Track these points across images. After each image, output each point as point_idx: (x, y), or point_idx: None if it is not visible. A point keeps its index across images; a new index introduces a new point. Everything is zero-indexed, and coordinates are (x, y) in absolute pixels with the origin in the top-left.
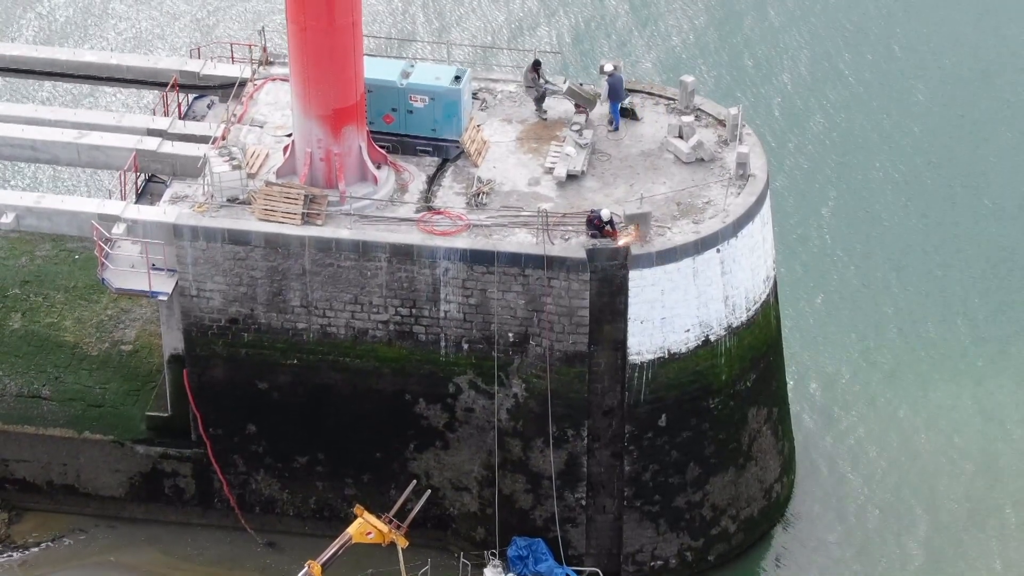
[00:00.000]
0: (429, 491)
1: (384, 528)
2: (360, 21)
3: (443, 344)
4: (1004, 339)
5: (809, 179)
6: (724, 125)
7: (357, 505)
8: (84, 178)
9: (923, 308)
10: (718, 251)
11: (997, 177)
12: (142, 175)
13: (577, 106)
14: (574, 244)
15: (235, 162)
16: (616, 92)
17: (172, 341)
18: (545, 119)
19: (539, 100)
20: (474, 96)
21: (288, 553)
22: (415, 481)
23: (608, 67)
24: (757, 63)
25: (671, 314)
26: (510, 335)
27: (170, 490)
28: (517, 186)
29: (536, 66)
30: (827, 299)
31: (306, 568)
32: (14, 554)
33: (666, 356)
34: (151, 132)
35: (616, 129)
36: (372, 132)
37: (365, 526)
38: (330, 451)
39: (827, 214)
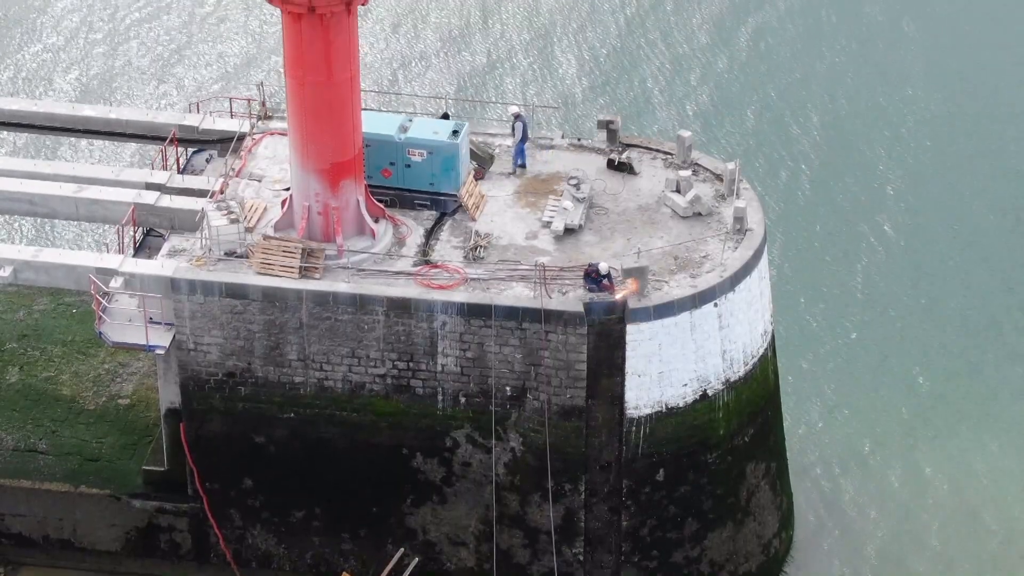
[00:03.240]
0: (417, 559)
1: None
2: (358, 75)
3: (440, 398)
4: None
5: (807, 233)
6: (722, 180)
7: (344, 572)
8: (82, 232)
9: (926, 362)
10: (716, 305)
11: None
12: (140, 229)
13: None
14: (571, 298)
15: (233, 216)
16: (526, 133)
17: (169, 395)
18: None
19: None
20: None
21: None
22: (402, 549)
23: (514, 109)
24: (755, 119)
25: (668, 368)
26: (507, 389)
27: (166, 545)
28: (515, 240)
29: (445, 119)
30: (825, 353)
31: None
32: None
33: (664, 410)
34: (149, 186)
35: (524, 167)
36: (370, 186)
37: None
38: (327, 505)
39: (824, 268)
